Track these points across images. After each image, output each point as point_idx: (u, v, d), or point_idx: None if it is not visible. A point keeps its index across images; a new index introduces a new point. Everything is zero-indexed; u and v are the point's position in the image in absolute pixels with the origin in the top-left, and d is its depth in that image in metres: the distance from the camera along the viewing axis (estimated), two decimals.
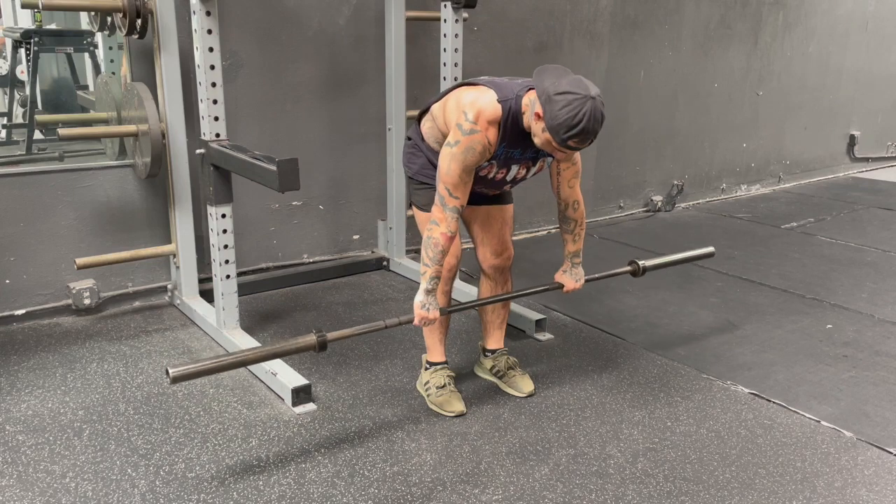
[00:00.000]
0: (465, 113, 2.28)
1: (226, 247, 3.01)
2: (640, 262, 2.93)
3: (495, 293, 2.79)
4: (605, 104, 2.16)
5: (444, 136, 2.41)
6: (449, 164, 2.29)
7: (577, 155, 2.53)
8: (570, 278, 2.69)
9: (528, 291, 2.75)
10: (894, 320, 3.59)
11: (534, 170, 2.51)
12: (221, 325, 3.10)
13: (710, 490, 2.24)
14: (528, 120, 2.27)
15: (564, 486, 2.24)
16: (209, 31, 2.80)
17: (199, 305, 3.35)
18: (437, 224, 2.33)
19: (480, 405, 2.70)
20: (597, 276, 2.85)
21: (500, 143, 2.32)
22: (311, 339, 2.31)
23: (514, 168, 2.46)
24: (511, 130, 2.31)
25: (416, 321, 2.40)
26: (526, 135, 2.31)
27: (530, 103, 2.25)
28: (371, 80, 3.97)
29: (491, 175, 2.44)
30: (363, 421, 2.57)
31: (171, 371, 2.08)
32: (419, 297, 2.39)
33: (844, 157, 7.52)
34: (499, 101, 2.28)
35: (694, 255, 3.19)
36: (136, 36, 3.01)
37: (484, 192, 2.58)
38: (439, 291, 2.61)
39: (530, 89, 2.29)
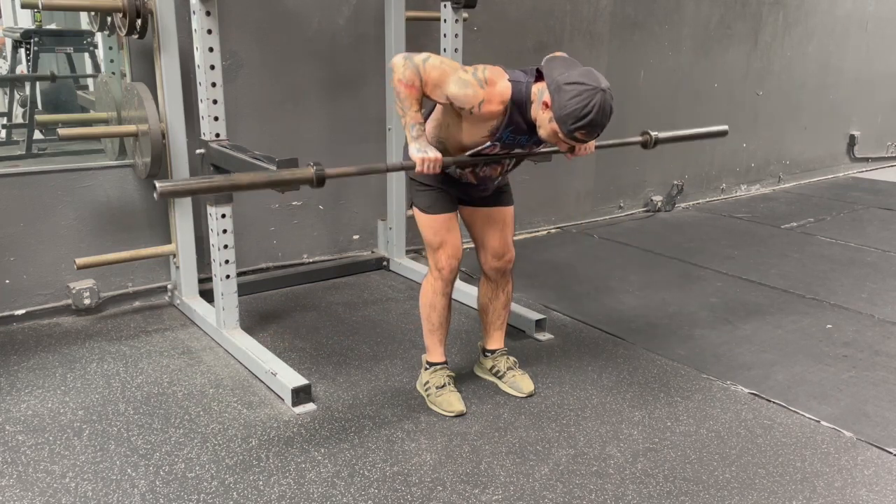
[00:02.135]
0: (484, 70, 2.28)
1: (226, 247, 3.01)
2: (653, 134, 2.82)
3: (496, 295, 2.78)
4: (613, 98, 2.16)
5: (451, 133, 2.40)
6: (447, 63, 2.28)
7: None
8: None
9: (538, 151, 2.53)
10: (894, 320, 3.59)
11: (536, 150, 2.50)
12: (221, 325, 3.10)
13: (710, 490, 2.24)
14: (535, 111, 2.26)
15: (564, 486, 2.24)
16: (209, 31, 2.80)
17: (199, 305, 3.35)
18: (394, 71, 2.30)
19: (480, 405, 2.70)
20: (607, 143, 2.72)
21: (505, 126, 2.31)
22: (309, 171, 2.19)
23: (518, 150, 2.46)
24: (518, 117, 2.30)
25: (418, 166, 2.34)
26: (533, 124, 2.30)
27: (539, 93, 2.25)
28: (371, 80, 3.97)
29: (494, 154, 2.43)
30: (363, 421, 2.57)
31: (158, 186, 1.99)
32: (412, 147, 2.35)
33: (844, 157, 7.52)
34: (510, 81, 2.28)
35: (707, 132, 3.08)
36: (136, 36, 3.01)
37: (488, 175, 2.55)
38: (440, 292, 2.62)
39: (538, 78, 2.28)
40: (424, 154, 2.33)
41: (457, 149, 2.45)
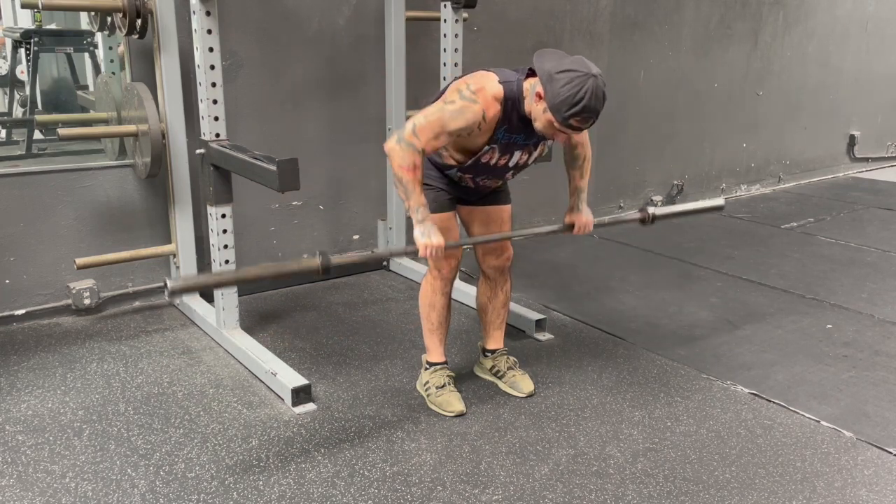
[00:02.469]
0: (468, 84, 2.29)
1: (226, 247, 3.01)
2: (650, 210, 2.80)
3: (495, 294, 2.78)
4: (606, 84, 2.16)
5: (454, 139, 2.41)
6: (433, 112, 2.29)
7: (585, 136, 2.51)
8: (581, 215, 2.61)
9: (535, 231, 2.62)
10: (894, 320, 3.59)
11: (535, 154, 2.50)
12: (221, 325, 3.10)
13: (710, 490, 2.24)
14: (529, 104, 2.27)
15: (564, 486, 2.24)
16: (209, 31, 2.80)
17: (198, 305, 3.34)
18: (391, 158, 2.30)
19: (480, 405, 2.70)
20: (606, 220, 2.77)
21: (500, 125, 2.32)
22: (315, 261, 2.22)
23: (517, 154, 2.45)
24: (512, 114, 2.31)
25: (420, 252, 2.34)
26: (527, 120, 2.31)
27: (531, 87, 2.26)
28: (371, 80, 3.97)
29: (493, 162, 2.43)
30: (363, 421, 2.57)
31: (169, 284, 2.04)
32: (417, 230, 2.35)
33: (844, 157, 7.52)
34: (500, 82, 2.28)
35: (704, 207, 3.08)
36: (136, 36, 3.01)
37: (486, 185, 2.57)
38: (440, 291, 2.62)
39: (529, 75, 2.29)
40: (428, 239, 2.32)
41: (459, 153, 2.45)
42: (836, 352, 3.23)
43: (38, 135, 4.19)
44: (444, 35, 3.66)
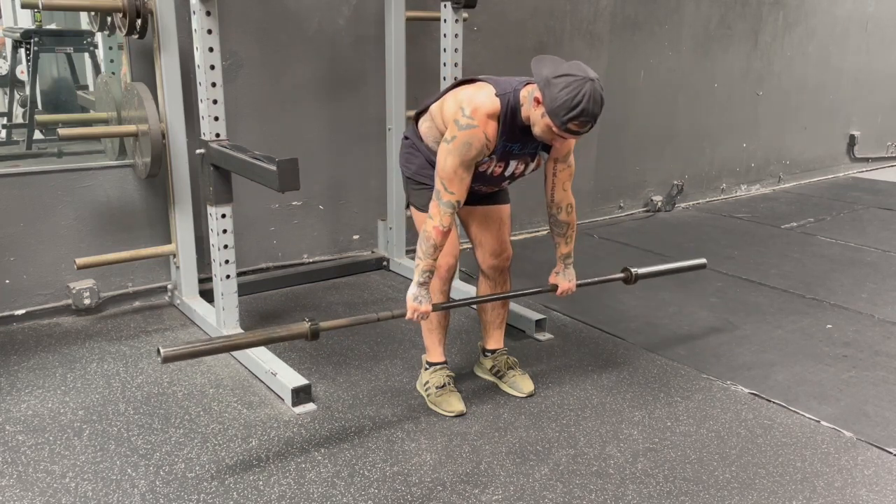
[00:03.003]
0: (463, 108, 2.29)
1: (226, 247, 3.01)
2: (633, 270, 2.95)
3: (494, 293, 2.79)
4: (603, 88, 2.17)
5: (443, 135, 2.42)
6: (445, 159, 2.31)
7: (572, 157, 2.55)
8: (564, 279, 2.72)
9: (522, 292, 2.79)
10: (894, 320, 3.59)
11: (532, 166, 2.52)
12: (221, 325, 3.10)
13: (710, 490, 2.24)
14: (527, 110, 2.28)
15: (564, 486, 2.24)
16: (209, 31, 2.80)
17: (199, 305, 3.35)
18: (431, 218, 2.35)
19: (480, 405, 2.70)
20: (589, 281, 2.88)
21: (499, 137, 2.33)
22: (304, 326, 2.31)
23: (513, 163, 2.46)
24: (510, 124, 2.32)
25: (408, 314, 2.41)
26: (525, 129, 2.32)
27: (528, 94, 2.27)
28: (371, 80, 3.97)
29: (489, 170, 2.45)
30: (363, 421, 2.57)
31: (162, 351, 2.08)
32: (412, 291, 2.40)
33: (844, 157, 7.52)
34: (497, 95, 2.30)
35: (686, 266, 3.24)
36: (136, 36, 3.01)
37: (481, 190, 2.58)
38: (437, 290, 2.62)
39: (528, 84, 2.30)
40: (418, 304, 2.39)
41: None
42: (836, 352, 3.23)
43: (38, 135, 4.19)
44: (444, 35, 3.65)
